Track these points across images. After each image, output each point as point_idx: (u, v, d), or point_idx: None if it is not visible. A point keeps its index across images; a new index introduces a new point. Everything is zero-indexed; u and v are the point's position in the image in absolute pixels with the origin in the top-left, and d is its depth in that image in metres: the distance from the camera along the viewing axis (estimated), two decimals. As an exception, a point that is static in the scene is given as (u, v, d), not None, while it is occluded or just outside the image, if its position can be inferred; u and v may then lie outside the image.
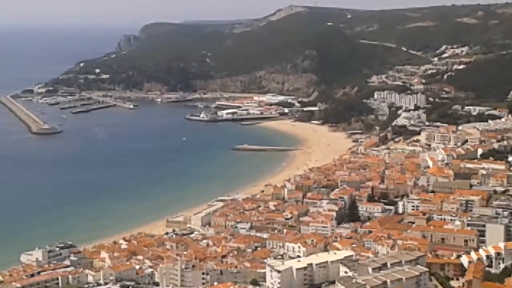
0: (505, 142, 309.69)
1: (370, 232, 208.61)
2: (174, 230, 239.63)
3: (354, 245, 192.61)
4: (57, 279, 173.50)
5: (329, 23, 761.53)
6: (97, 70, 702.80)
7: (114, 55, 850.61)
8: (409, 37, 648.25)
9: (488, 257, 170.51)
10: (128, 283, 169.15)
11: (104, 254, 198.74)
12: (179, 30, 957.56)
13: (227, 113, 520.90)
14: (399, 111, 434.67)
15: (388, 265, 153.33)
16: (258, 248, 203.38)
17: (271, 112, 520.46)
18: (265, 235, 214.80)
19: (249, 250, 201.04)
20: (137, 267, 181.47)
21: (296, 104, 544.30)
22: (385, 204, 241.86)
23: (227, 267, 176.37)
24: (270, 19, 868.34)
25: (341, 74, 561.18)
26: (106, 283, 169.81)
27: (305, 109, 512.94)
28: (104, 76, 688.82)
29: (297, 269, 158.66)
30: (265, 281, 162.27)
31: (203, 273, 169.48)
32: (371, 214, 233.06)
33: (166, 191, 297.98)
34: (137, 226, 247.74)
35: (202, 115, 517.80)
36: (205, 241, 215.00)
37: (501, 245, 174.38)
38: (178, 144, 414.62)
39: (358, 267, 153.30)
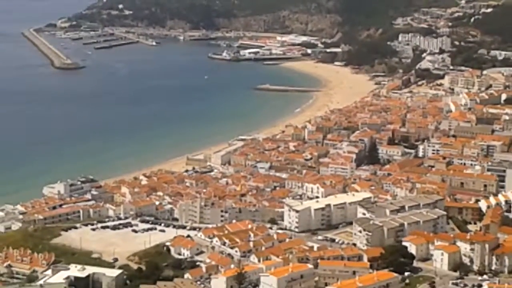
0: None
1: (389, 175, 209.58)
2: (194, 168, 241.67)
3: (372, 187, 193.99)
4: (78, 212, 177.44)
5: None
6: (120, 6, 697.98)
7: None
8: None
9: (507, 202, 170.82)
10: (148, 218, 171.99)
11: (124, 189, 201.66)
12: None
13: (249, 53, 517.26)
14: (424, 54, 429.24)
15: (406, 208, 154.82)
16: (277, 188, 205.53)
17: (294, 53, 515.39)
18: (284, 175, 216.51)
19: (268, 189, 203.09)
20: (157, 203, 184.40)
21: (319, 45, 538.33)
22: (406, 147, 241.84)
23: (246, 206, 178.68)
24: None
25: (365, 15, 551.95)
26: (126, 218, 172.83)
27: (328, 50, 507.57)
28: (127, 12, 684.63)
29: (315, 210, 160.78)
30: (283, 220, 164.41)
31: (222, 211, 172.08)
32: (390, 157, 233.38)
33: (187, 129, 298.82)
34: (157, 163, 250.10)
35: (224, 54, 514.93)
36: (224, 179, 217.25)
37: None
38: (200, 83, 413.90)
39: (376, 209, 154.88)
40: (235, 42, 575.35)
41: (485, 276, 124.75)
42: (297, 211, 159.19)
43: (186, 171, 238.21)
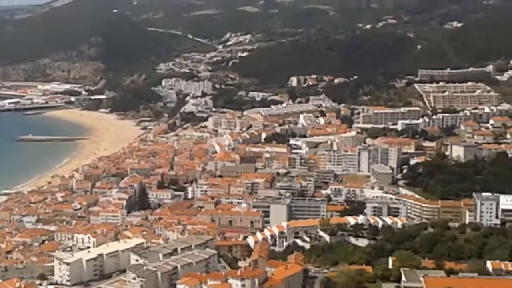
0: (286, 126, 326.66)
1: (160, 218, 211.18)
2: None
3: (145, 233, 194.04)
4: None
5: (114, 10, 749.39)
6: None
7: None
8: (194, 24, 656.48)
9: (272, 236, 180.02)
10: None
11: None
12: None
13: (9, 103, 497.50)
14: (187, 98, 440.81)
15: (179, 250, 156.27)
16: (46, 242, 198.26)
17: (57, 101, 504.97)
18: (53, 228, 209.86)
19: (36, 244, 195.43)
20: None
21: (83, 92, 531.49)
22: (175, 190, 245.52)
23: (13, 263, 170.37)
24: (53, 5, 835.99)
25: (129, 61, 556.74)
26: None
27: (92, 97, 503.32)
28: None
29: (87, 260, 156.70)
30: (54, 274, 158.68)
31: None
32: (161, 201, 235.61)
33: None
34: None
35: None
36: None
37: (284, 224, 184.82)
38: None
39: (149, 254, 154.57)
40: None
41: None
42: (68, 264, 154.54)
43: None
